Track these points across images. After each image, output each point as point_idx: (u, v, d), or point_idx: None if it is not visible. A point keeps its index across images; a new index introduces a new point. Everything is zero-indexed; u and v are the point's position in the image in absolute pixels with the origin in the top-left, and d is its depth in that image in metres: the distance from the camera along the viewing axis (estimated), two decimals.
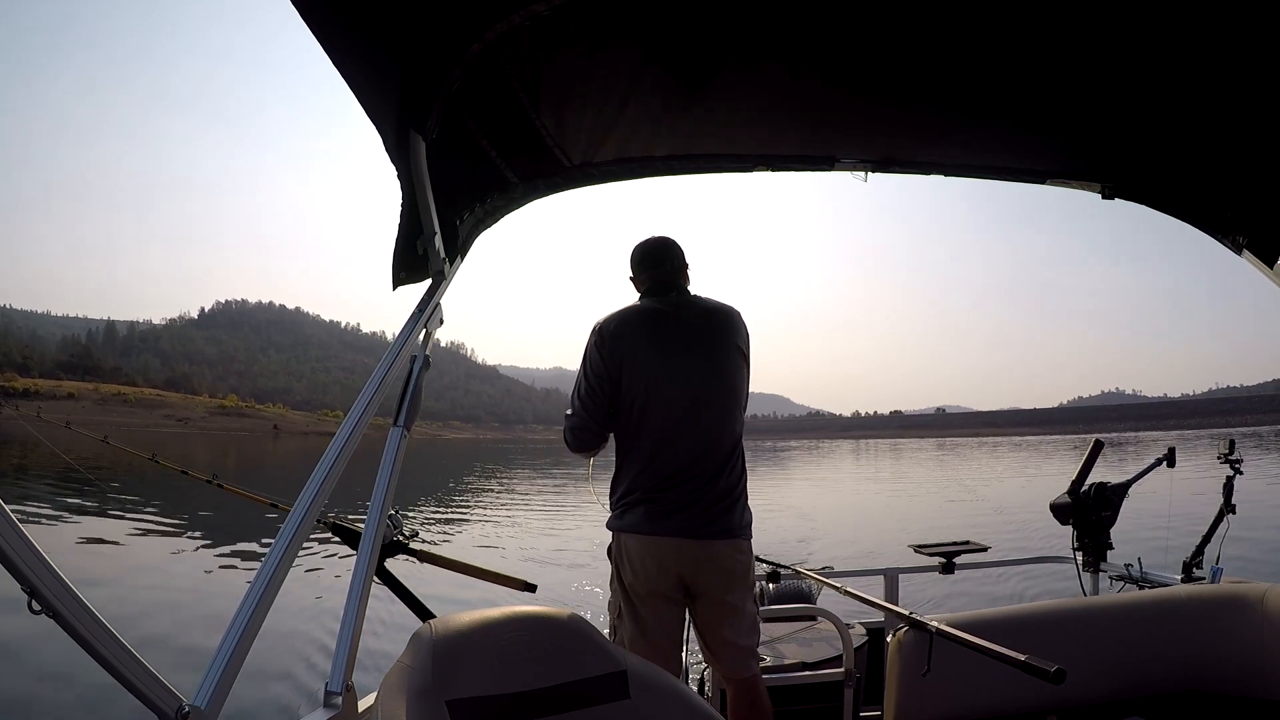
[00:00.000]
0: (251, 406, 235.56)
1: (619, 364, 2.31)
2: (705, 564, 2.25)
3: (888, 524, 16.54)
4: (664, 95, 2.12)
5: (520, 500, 24.85)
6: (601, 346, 2.34)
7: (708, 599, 2.29)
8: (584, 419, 2.35)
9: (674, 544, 2.23)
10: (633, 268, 2.55)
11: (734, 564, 2.29)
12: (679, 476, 2.26)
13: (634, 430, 2.32)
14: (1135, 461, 4.76)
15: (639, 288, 2.53)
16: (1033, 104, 2.14)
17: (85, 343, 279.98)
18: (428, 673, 1.42)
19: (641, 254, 2.53)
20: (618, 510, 2.33)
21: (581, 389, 2.36)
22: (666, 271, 2.48)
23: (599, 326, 2.39)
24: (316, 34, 1.40)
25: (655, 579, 2.24)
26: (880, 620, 3.34)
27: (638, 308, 2.44)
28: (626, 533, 2.29)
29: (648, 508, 2.26)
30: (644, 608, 2.27)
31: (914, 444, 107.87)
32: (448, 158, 2.01)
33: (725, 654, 2.31)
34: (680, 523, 2.23)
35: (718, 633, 2.30)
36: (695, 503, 2.25)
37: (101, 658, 1.15)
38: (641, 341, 2.32)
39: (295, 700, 5.47)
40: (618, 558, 2.32)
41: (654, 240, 2.54)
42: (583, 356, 2.39)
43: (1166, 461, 3.32)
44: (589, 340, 2.38)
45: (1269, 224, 2.31)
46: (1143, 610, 2.17)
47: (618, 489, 2.35)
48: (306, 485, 1.60)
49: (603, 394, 2.33)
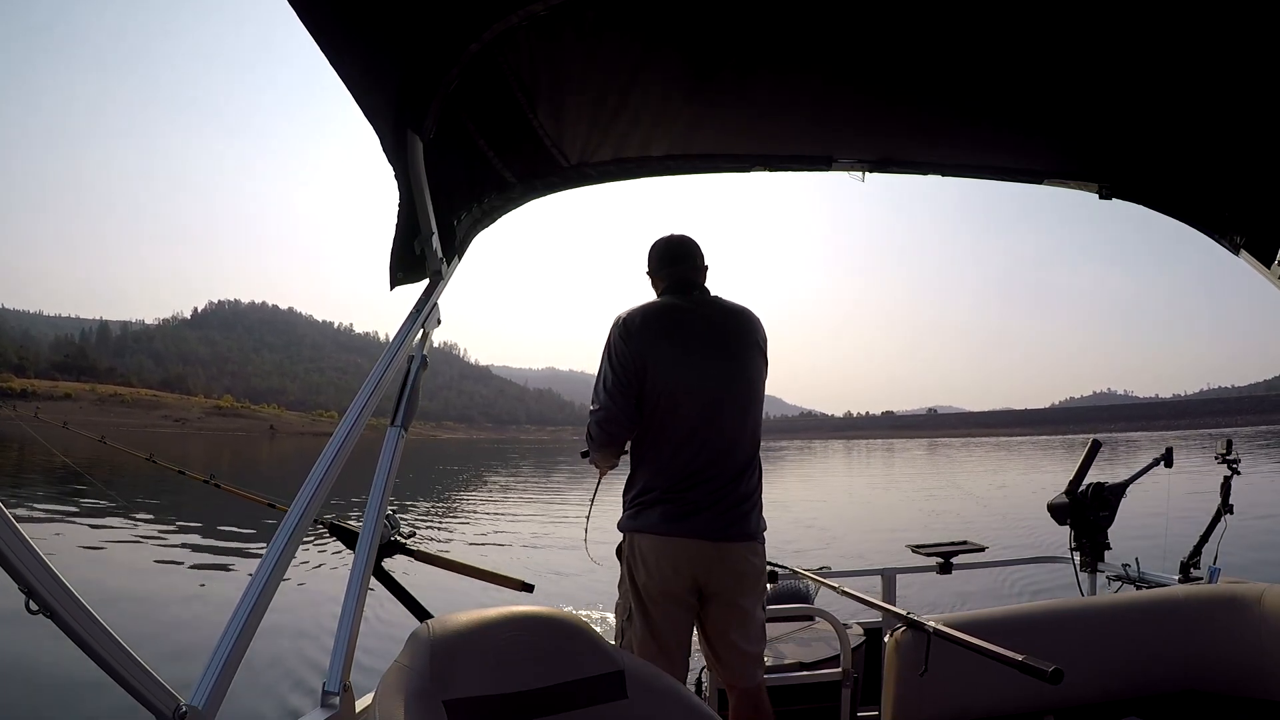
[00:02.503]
0: (247, 407, 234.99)
1: (643, 359, 2.26)
2: (720, 567, 2.21)
3: (884, 524, 16.56)
4: (662, 95, 2.12)
5: (519, 500, 24.82)
6: (628, 340, 2.28)
7: (720, 602, 2.25)
8: (612, 410, 2.27)
9: (691, 545, 2.19)
10: (652, 264, 2.51)
11: (748, 567, 2.26)
12: (699, 477, 2.22)
13: (654, 429, 2.27)
14: (1127, 462, 4.77)
15: (658, 285, 2.49)
16: (1030, 104, 2.15)
17: (80, 343, 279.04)
18: (425, 673, 1.41)
19: (663, 250, 2.49)
20: (632, 510, 2.28)
21: (608, 381, 2.29)
22: (688, 269, 2.45)
23: (624, 320, 2.33)
24: (314, 34, 1.40)
25: (670, 580, 2.20)
26: (878, 620, 3.34)
27: (662, 304, 2.39)
28: (641, 533, 2.24)
29: (665, 508, 2.21)
30: (655, 609, 2.22)
31: (907, 444, 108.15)
32: (445, 157, 2.01)
33: (732, 659, 2.28)
34: (699, 524, 2.19)
35: (726, 637, 2.26)
36: (715, 504, 2.21)
37: (99, 657, 1.15)
38: (666, 339, 2.28)
39: (293, 700, 5.46)
40: (630, 558, 2.26)
41: (676, 237, 2.51)
42: (605, 351, 2.33)
43: (1164, 462, 3.33)
44: (612, 334, 2.32)
45: (1267, 224, 2.32)
46: (1140, 610, 2.17)
47: (633, 488, 2.30)
48: (304, 485, 1.59)
49: (630, 385, 2.26)
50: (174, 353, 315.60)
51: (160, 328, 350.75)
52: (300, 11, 1.34)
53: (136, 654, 1.19)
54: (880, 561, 3.47)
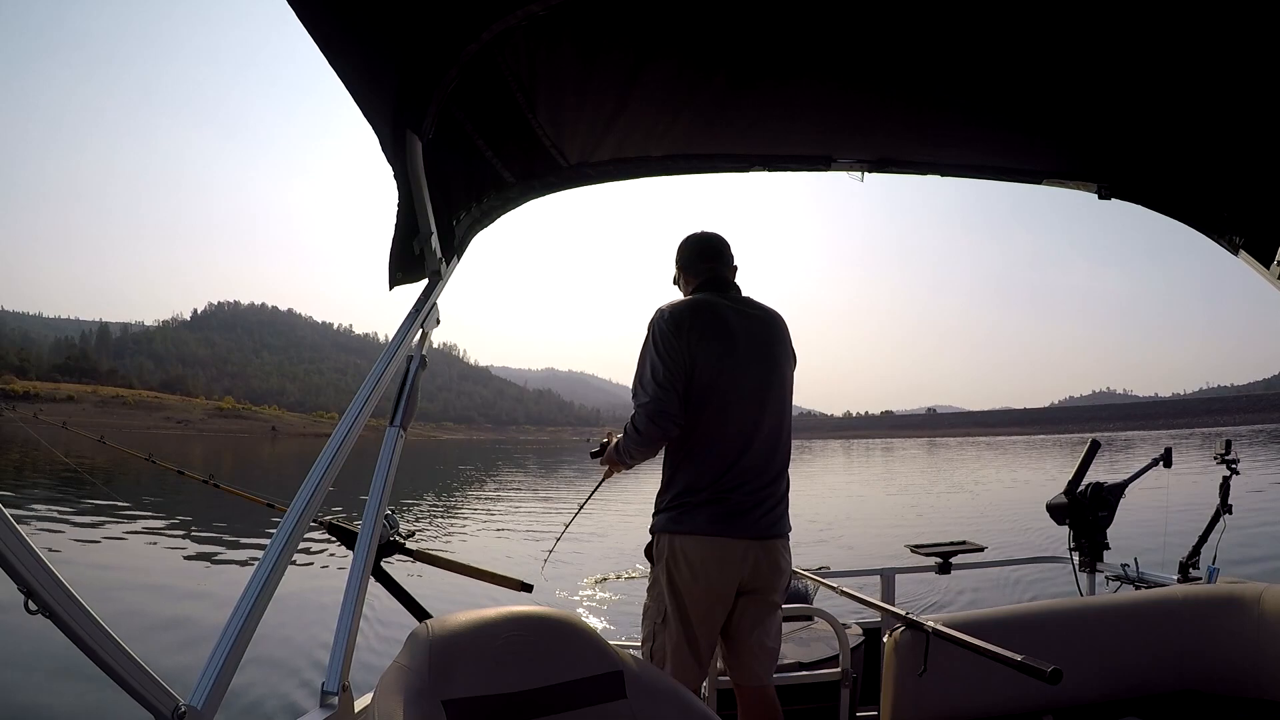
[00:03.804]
0: (248, 408, 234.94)
1: (693, 354, 2.21)
2: (765, 563, 2.21)
3: (884, 524, 16.55)
4: (661, 95, 2.12)
5: (519, 500, 24.82)
6: (679, 334, 2.22)
7: (754, 599, 2.23)
8: (664, 402, 2.19)
9: (740, 546, 2.17)
10: (684, 259, 2.48)
11: (783, 562, 2.27)
12: (744, 477, 2.19)
13: (699, 429, 2.22)
14: (1126, 461, 4.77)
15: (689, 280, 2.46)
16: (1029, 104, 2.15)
17: (80, 344, 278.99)
18: (424, 672, 1.42)
19: (699, 246, 2.47)
20: (673, 511, 2.21)
21: (658, 374, 2.20)
22: (725, 267, 2.45)
23: (671, 312, 2.28)
24: (313, 34, 1.40)
25: (715, 581, 2.16)
26: (877, 620, 3.34)
27: (707, 301, 2.33)
28: (685, 535, 2.18)
29: (713, 509, 2.17)
30: (695, 611, 2.18)
31: (906, 444, 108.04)
32: (444, 157, 2.01)
33: (752, 657, 2.26)
34: (747, 525, 2.17)
35: (752, 634, 2.24)
36: (759, 504, 2.20)
37: (98, 657, 1.15)
38: (715, 338, 2.24)
39: (292, 700, 5.45)
40: (670, 560, 2.20)
41: (709, 234, 2.50)
42: (651, 343, 2.26)
43: (1163, 462, 3.33)
44: (657, 326, 2.26)
45: (1266, 224, 2.32)
46: (1139, 610, 2.18)
47: (672, 489, 2.24)
48: (303, 485, 1.59)
49: (679, 379, 2.20)
50: (173, 354, 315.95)
51: (160, 329, 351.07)
52: (300, 12, 1.34)
53: (135, 654, 1.19)
54: (879, 561, 3.47)
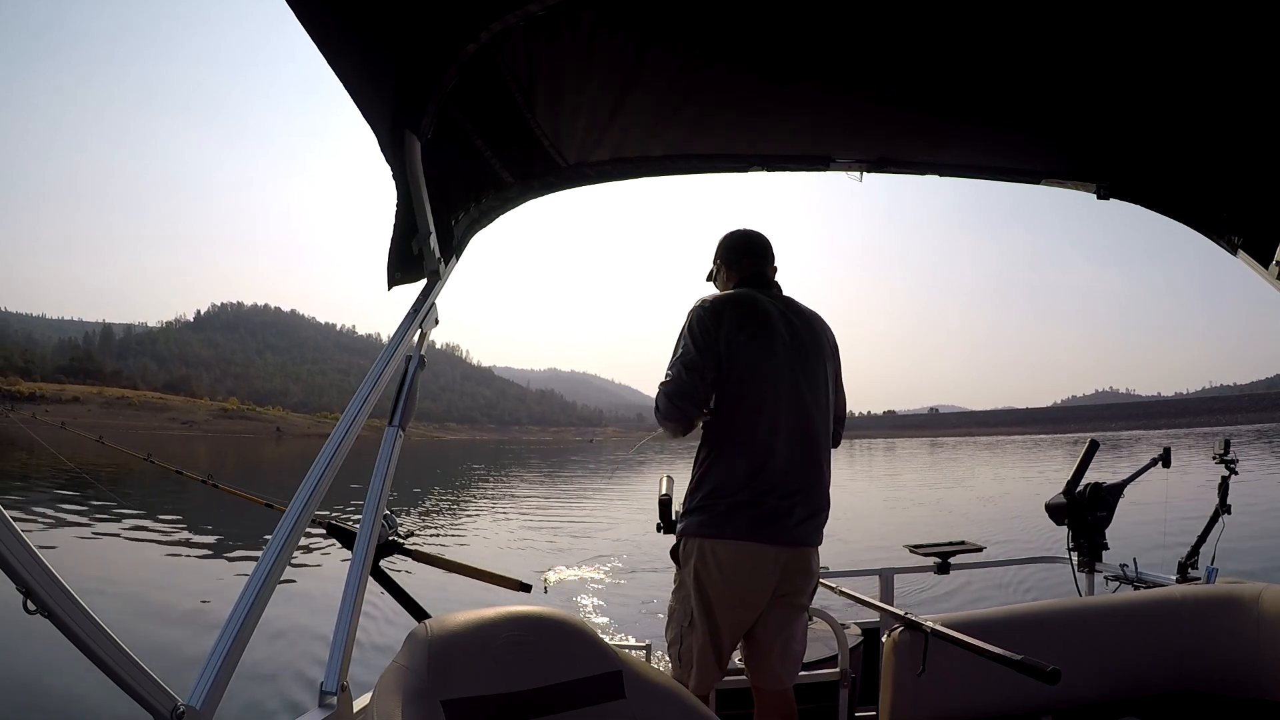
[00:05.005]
0: (252, 409, 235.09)
1: (731, 347, 2.17)
2: (796, 568, 2.18)
3: (882, 523, 16.53)
4: (660, 95, 2.12)
5: (519, 501, 24.82)
6: (719, 323, 2.19)
7: (784, 604, 2.20)
8: (683, 383, 2.15)
9: (773, 552, 2.13)
10: (727, 254, 2.46)
11: (814, 568, 2.25)
12: (777, 479, 2.14)
13: (733, 428, 2.17)
14: (1128, 461, 4.77)
15: (729, 276, 2.43)
16: (1028, 104, 2.14)
17: (84, 346, 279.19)
18: (423, 672, 1.42)
19: (743, 242, 2.46)
20: (704, 513, 2.16)
21: (687, 355, 2.17)
22: (767, 265, 2.44)
23: (712, 302, 2.25)
24: (311, 34, 1.41)
25: (747, 586, 2.13)
26: (875, 620, 3.34)
27: (748, 295, 2.30)
28: (718, 539, 2.13)
29: (751, 512, 2.12)
30: (724, 615, 2.15)
31: (908, 444, 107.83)
32: (443, 157, 2.01)
33: (776, 660, 2.23)
34: (784, 530, 2.13)
35: (779, 635, 2.22)
36: (795, 509, 2.15)
37: (96, 657, 1.15)
38: (751, 330, 2.21)
39: (291, 700, 5.46)
40: (700, 564, 2.15)
41: (753, 231, 2.48)
42: (688, 327, 2.22)
43: (1162, 462, 3.33)
44: (697, 313, 2.24)
45: (1264, 224, 2.31)
46: (1138, 610, 2.17)
47: (702, 489, 2.18)
48: (302, 485, 1.59)
49: (708, 366, 2.16)
50: (177, 355, 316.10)
51: (163, 330, 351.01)
52: (299, 12, 1.34)
53: (134, 653, 1.19)
54: (878, 561, 3.46)
